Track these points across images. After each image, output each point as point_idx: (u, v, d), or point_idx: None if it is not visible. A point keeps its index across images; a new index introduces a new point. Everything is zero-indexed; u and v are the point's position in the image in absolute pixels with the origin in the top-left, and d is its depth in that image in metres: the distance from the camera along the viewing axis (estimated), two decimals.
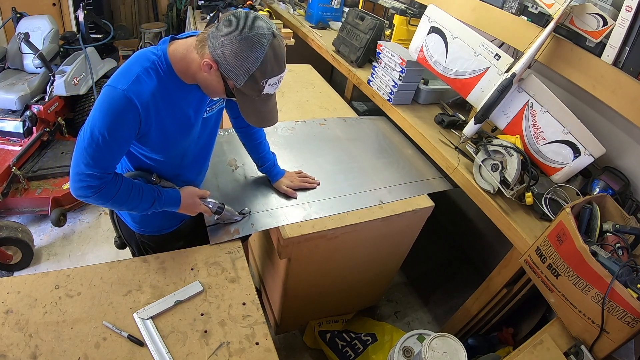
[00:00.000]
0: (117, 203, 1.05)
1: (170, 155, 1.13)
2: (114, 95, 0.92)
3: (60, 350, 0.94)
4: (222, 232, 1.30)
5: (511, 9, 1.64)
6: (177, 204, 1.17)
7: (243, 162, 1.61)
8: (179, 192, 1.18)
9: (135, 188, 1.07)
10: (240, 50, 0.88)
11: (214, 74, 0.95)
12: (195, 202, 1.22)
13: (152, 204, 1.11)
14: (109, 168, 1.00)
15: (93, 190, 0.98)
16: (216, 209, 1.26)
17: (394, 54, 1.88)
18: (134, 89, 0.92)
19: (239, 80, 0.93)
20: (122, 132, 0.96)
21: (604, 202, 1.23)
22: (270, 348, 1.03)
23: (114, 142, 0.96)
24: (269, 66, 0.91)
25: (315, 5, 2.94)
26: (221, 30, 0.89)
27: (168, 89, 0.99)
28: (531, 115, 1.48)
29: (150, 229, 1.33)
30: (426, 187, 1.66)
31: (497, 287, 1.52)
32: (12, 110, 2.43)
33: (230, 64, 0.90)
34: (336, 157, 1.75)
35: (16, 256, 2.10)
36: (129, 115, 0.94)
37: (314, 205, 1.46)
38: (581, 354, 1.05)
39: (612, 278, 0.96)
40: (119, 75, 0.94)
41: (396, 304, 2.26)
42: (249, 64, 0.89)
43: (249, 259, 2.01)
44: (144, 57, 0.97)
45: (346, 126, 1.99)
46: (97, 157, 0.95)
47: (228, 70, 0.91)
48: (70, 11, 3.50)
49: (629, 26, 1.23)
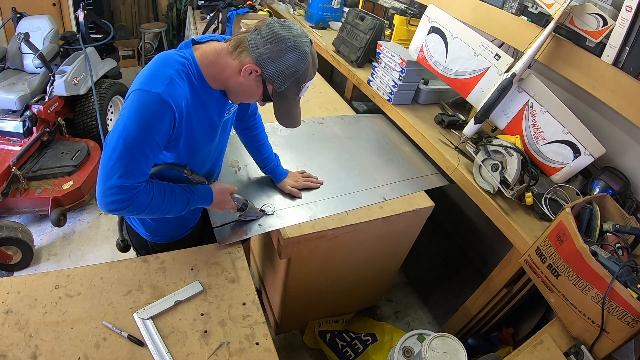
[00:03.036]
0: (151, 211, 1.01)
1: (193, 161, 1.12)
2: (150, 99, 0.89)
3: (60, 350, 0.94)
4: (229, 233, 1.30)
5: (511, 9, 1.64)
6: (209, 200, 1.16)
7: (246, 163, 1.60)
8: (211, 188, 1.17)
9: (168, 191, 1.05)
10: (289, 57, 0.94)
11: (253, 79, 0.98)
12: (226, 198, 1.21)
13: (186, 205, 1.09)
14: (143, 177, 0.96)
15: (127, 203, 0.94)
16: (241, 205, 1.26)
17: (394, 54, 1.88)
18: (169, 92, 0.90)
19: (282, 85, 0.98)
20: (158, 137, 0.93)
21: (604, 202, 1.23)
22: (270, 348, 1.03)
23: (149, 149, 0.93)
24: (309, 71, 0.99)
25: (315, 5, 2.94)
26: (265, 37, 0.93)
27: (198, 94, 0.99)
28: (531, 115, 1.48)
29: (163, 237, 1.31)
30: (426, 183, 1.68)
31: (497, 287, 1.52)
32: (12, 110, 2.43)
33: (278, 69, 0.95)
34: (337, 155, 1.76)
35: (16, 256, 2.10)
36: (165, 119, 0.92)
37: (320, 205, 1.46)
38: (581, 354, 1.05)
39: (612, 278, 0.96)
40: (149, 79, 0.91)
41: (396, 304, 2.26)
42: (296, 69, 0.96)
43: (249, 259, 2.01)
44: (172, 60, 0.95)
45: (345, 124, 2.00)
46: (132, 167, 0.92)
47: (273, 75, 0.96)
48: (70, 11, 3.50)
49: (629, 26, 1.23)
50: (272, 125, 1.86)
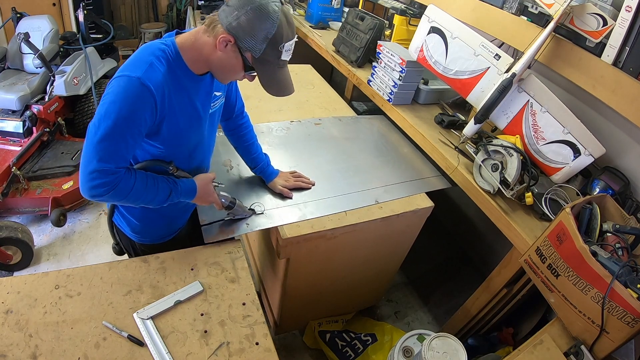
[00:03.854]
0: (133, 198, 1.02)
1: (179, 151, 1.13)
2: (130, 83, 0.91)
3: (60, 350, 0.94)
4: (216, 231, 1.29)
5: (511, 9, 1.64)
6: (193, 192, 1.16)
7: (238, 163, 1.59)
8: (194, 181, 1.17)
9: (151, 180, 1.05)
10: (256, 17, 0.91)
11: (230, 50, 0.96)
12: (209, 189, 1.20)
13: (168, 195, 1.09)
14: (123, 162, 0.97)
15: (108, 188, 0.95)
16: (228, 203, 1.25)
17: (394, 54, 1.88)
18: (148, 75, 0.92)
19: (259, 48, 0.95)
20: (138, 121, 0.94)
21: (604, 202, 1.23)
22: (270, 348, 1.03)
23: (129, 133, 0.94)
24: (284, 30, 0.95)
25: (315, 5, 2.94)
26: (232, 5, 0.92)
27: (178, 77, 1.00)
28: (531, 115, 1.48)
29: (150, 238, 1.31)
30: (424, 186, 1.66)
31: (497, 287, 1.52)
32: (12, 110, 2.43)
33: (249, 33, 0.93)
34: (332, 156, 1.74)
35: (16, 256, 2.10)
36: (146, 102, 0.93)
37: (310, 205, 1.45)
38: (581, 354, 1.05)
39: (612, 278, 0.96)
40: (130, 65, 0.94)
41: (396, 304, 2.26)
42: (267, 29, 0.93)
43: (248, 260, 2.01)
44: (153, 46, 0.98)
45: (342, 125, 1.99)
46: (112, 150, 0.93)
47: (246, 41, 0.94)
48: (70, 11, 3.50)
49: (629, 26, 1.23)
50: (268, 125, 1.87)
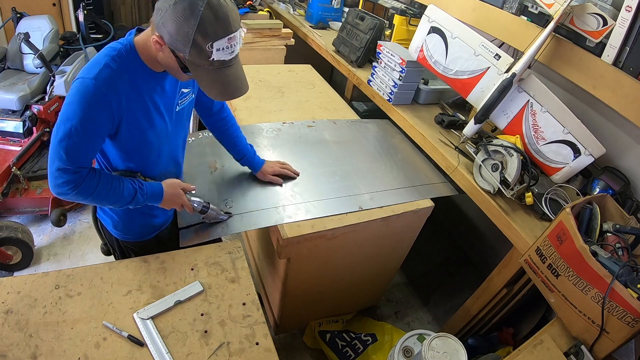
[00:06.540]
0: (98, 198, 1.02)
1: (145, 154, 1.11)
2: (85, 86, 0.91)
3: (60, 350, 0.94)
4: (193, 234, 1.26)
5: (511, 9, 1.64)
6: (159, 195, 1.13)
7: (223, 164, 1.55)
8: (161, 184, 1.15)
9: (116, 182, 1.04)
10: (176, 16, 0.83)
11: (166, 51, 0.90)
12: (178, 192, 1.17)
13: (133, 197, 1.07)
14: (84, 162, 0.98)
15: (71, 187, 0.96)
16: (201, 208, 1.21)
17: (394, 54, 1.88)
18: (102, 77, 0.92)
19: (185, 50, 0.87)
20: (95, 122, 0.94)
21: (604, 202, 1.23)
22: (270, 348, 1.03)
23: (87, 134, 0.95)
24: (209, 28, 0.84)
25: (315, 5, 2.94)
26: (160, 2, 0.87)
27: (134, 77, 0.98)
28: (531, 115, 1.48)
29: (132, 235, 1.30)
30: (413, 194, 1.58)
31: (497, 287, 1.52)
32: (12, 110, 2.42)
33: (172, 34, 0.85)
34: (320, 160, 1.68)
35: (16, 256, 2.10)
36: (101, 103, 0.93)
37: (288, 209, 1.39)
38: (581, 354, 1.05)
39: (612, 278, 0.96)
40: (87, 68, 0.94)
41: (396, 304, 2.26)
42: (188, 28, 0.84)
43: (248, 260, 2.01)
44: (110, 47, 0.97)
45: (335, 129, 1.93)
46: (72, 151, 0.94)
47: (172, 42, 0.87)
48: (70, 11, 3.50)
49: (629, 26, 1.23)
50: (259, 126, 1.85)
